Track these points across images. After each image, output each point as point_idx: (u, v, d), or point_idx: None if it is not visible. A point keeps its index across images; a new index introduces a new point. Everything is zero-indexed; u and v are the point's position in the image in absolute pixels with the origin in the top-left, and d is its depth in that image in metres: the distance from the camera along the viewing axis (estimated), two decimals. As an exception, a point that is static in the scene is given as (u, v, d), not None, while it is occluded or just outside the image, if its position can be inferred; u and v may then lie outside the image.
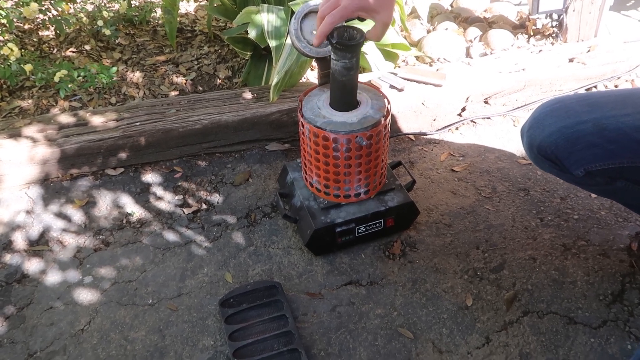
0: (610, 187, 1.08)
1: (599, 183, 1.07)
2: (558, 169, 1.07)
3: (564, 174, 1.08)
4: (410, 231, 1.36)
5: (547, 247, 1.31)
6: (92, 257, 1.33)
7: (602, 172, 1.02)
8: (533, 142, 1.06)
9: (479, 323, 1.15)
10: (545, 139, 1.02)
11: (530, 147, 1.08)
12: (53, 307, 1.21)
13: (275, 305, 1.18)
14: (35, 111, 1.80)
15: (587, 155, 1.00)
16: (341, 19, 0.97)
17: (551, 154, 1.03)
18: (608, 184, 1.07)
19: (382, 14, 0.97)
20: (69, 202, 1.48)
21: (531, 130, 1.06)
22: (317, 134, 1.15)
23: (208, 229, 1.39)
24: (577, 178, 1.05)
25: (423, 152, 1.64)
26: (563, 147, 1.01)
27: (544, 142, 1.03)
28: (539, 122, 1.04)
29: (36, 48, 2.08)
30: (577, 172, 1.03)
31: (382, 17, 0.98)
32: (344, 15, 0.96)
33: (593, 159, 1.00)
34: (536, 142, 1.05)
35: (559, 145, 1.01)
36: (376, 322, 1.16)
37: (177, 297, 1.22)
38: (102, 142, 1.50)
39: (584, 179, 1.06)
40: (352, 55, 1.07)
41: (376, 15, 0.98)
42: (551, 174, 1.15)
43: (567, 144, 1.00)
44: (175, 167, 1.58)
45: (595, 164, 1.00)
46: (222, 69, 1.95)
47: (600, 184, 1.08)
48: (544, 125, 1.03)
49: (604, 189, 1.11)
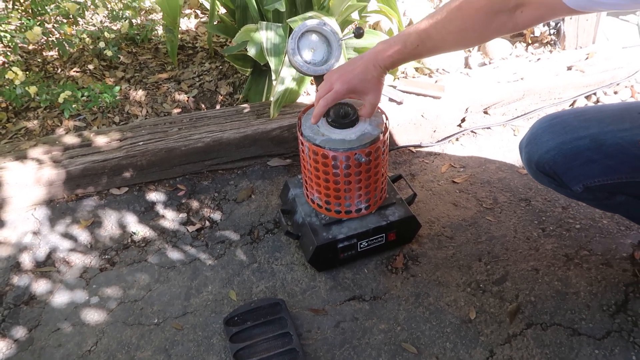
0: (610, 201, 1.07)
1: (599, 198, 1.07)
2: (557, 184, 1.07)
3: (563, 189, 1.08)
4: (412, 244, 1.37)
5: (550, 257, 1.31)
6: (98, 277, 1.34)
7: (601, 188, 1.02)
8: (531, 158, 1.06)
9: (483, 336, 1.15)
10: (543, 155, 1.02)
11: (529, 163, 1.08)
12: (60, 328, 1.23)
13: (279, 323, 1.19)
14: (40, 132, 1.83)
15: (586, 171, 1.00)
16: (334, 102, 1.08)
17: (549, 169, 1.03)
18: (607, 198, 1.07)
19: (370, 95, 1.07)
20: (74, 223, 1.49)
21: (529, 146, 1.06)
22: (317, 151, 1.16)
23: (212, 247, 1.41)
24: (576, 193, 1.05)
25: (424, 164, 1.64)
26: (561, 163, 1.00)
27: (542, 158, 1.03)
28: (537, 138, 1.04)
29: (40, 68, 2.11)
30: (576, 187, 1.03)
31: (370, 99, 1.08)
32: (336, 98, 1.07)
33: (592, 175, 1.00)
34: (534, 159, 1.05)
35: (557, 162, 1.01)
36: (380, 338, 1.16)
37: (183, 316, 1.24)
38: (107, 162, 1.52)
39: (583, 195, 1.06)
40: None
41: (365, 96, 1.08)
42: (550, 188, 1.16)
43: (565, 160, 1.00)
44: (179, 185, 1.60)
45: (594, 179, 1.00)
46: (223, 85, 1.97)
47: (600, 198, 1.08)
48: (541, 141, 1.03)
49: (604, 204, 1.11)
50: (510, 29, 0.89)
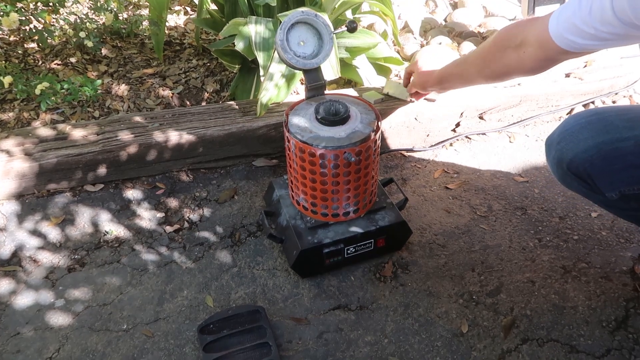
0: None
1: (633, 208, 0.99)
2: (588, 188, 0.98)
3: (594, 194, 0.99)
4: (402, 252, 1.30)
5: (546, 269, 1.25)
6: (65, 279, 1.25)
7: (639, 197, 0.93)
8: (564, 157, 0.96)
9: (475, 352, 1.08)
10: (579, 154, 0.93)
11: (559, 163, 0.98)
12: (20, 332, 1.13)
13: (258, 332, 1.10)
14: (15, 124, 1.74)
15: (626, 176, 0.91)
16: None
17: (583, 171, 0.94)
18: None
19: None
20: (44, 219, 1.40)
21: (562, 143, 0.96)
22: (304, 149, 1.09)
23: (190, 249, 1.32)
24: (609, 200, 0.96)
25: (416, 169, 1.58)
26: (599, 165, 0.91)
27: (577, 158, 0.93)
28: (573, 135, 0.95)
29: (20, 60, 2.02)
30: (611, 194, 0.94)
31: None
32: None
33: (631, 182, 0.91)
34: (567, 158, 0.95)
35: (594, 163, 0.92)
36: (365, 351, 1.08)
37: (154, 323, 1.15)
38: (81, 156, 1.44)
39: (617, 202, 0.97)
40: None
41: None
42: (577, 193, 1.07)
43: (603, 163, 0.91)
44: (158, 183, 1.51)
45: (633, 187, 0.91)
46: (210, 83, 1.90)
47: (635, 209, 0.99)
48: (578, 139, 0.93)
49: (636, 215, 1.02)
50: (519, 67, 0.96)
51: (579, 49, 0.84)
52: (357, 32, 1.63)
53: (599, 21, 0.77)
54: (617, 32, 0.77)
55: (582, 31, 0.81)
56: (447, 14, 2.38)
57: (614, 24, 0.76)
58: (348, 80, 1.90)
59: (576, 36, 0.82)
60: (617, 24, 0.76)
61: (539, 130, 1.73)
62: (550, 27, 0.85)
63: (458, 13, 2.31)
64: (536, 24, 0.89)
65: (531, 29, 0.90)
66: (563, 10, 0.84)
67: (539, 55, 0.91)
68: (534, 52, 0.91)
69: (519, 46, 0.93)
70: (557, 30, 0.85)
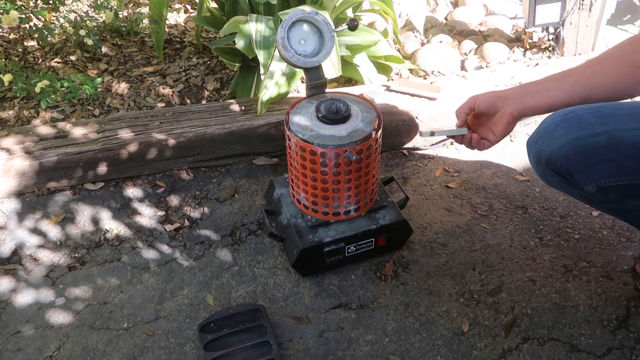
0: (623, 205, 1.00)
1: (612, 200, 1.00)
2: (567, 183, 1.00)
3: (574, 189, 1.01)
4: (403, 251, 1.29)
5: (547, 268, 1.24)
6: (66, 277, 1.25)
7: (616, 189, 0.95)
8: (541, 154, 0.98)
9: (476, 350, 1.07)
10: (555, 151, 0.95)
11: (538, 160, 1.00)
12: (21, 331, 1.13)
13: (258, 331, 1.10)
14: (15, 122, 1.73)
15: (601, 170, 0.93)
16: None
17: (561, 167, 0.96)
18: (621, 202, 1.00)
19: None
20: (44, 218, 1.40)
21: (540, 141, 0.98)
22: (304, 147, 1.08)
23: (190, 247, 1.32)
24: (588, 194, 0.98)
25: (417, 168, 1.57)
26: (574, 160, 0.93)
27: (554, 154, 0.95)
28: (549, 133, 0.96)
29: (20, 58, 2.02)
30: (588, 187, 0.96)
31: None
32: None
33: (607, 174, 0.93)
34: (545, 155, 0.97)
35: (569, 159, 0.93)
36: (366, 349, 1.08)
37: (155, 321, 1.15)
38: (82, 154, 1.43)
39: (596, 196, 0.98)
40: None
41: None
42: (558, 190, 1.09)
43: (578, 158, 0.93)
44: (158, 181, 1.51)
45: (608, 179, 0.93)
46: (210, 81, 1.90)
47: (613, 201, 1.00)
48: (554, 136, 0.95)
49: (615, 207, 1.04)
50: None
51: None
52: (358, 30, 1.63)
53: None
54: None
55: None
56: (448, 13, 2.38)
57: None
58: (348, 79, 1.89)
59: None
60: None
61: (539, 129, 1.72)
62: None
63: (459, 11, 2.31)
64: None
65: None
66: None
67: None
68: None
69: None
70: None
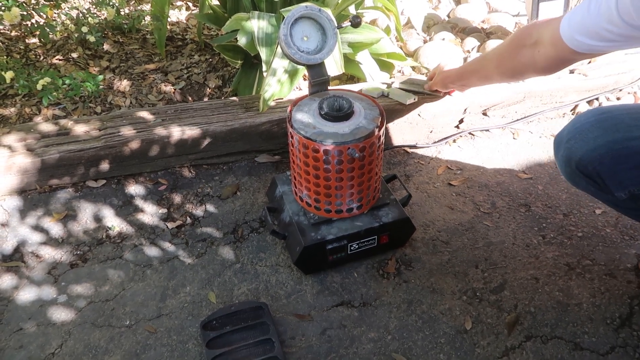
0: None
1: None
2: (597, 187, 0.98)
3: (603, 194, 0.99)
4: (406, 248, 1.29)
5: (550, 266, 1.24)
6: (68, 274, 1.25)
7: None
8: (572, 155, 0.95)
9: (479, 348, 1.07)
10: (588, 153, 0.92)
11: (568, 161, 0.97)
12: (23, 328, 1.13)
13: (261, 328, 1.10)
14: (17, 120, 1.73)
15: (636, 176, 0.90)
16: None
17: (593, 170, 0.93)
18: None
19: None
20: (47, 215, 1.40)
21: (572, 141, 0.96)
22: (307, 145, 1.08)
23: (192, 245, 1.32)
24: (618, 200, 0.96)
25: (419, 165, 1.57)
26: (608, 164, 0.91)
27: (586, 156, 0.92)
28: (582, 133, 0.94)
29: (22, 55, 2.02)
30: (620, 193, 0.94)
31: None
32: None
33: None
34: (576, 156, 0.94)
35: (603, 163, 0.91)
36: (369, 347, 1.08)
37: (157, 318, 1.14)
38: (84, 152, 1.43)
39: (626, 202, 0.96)
40: None
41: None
42: (585, 192, 1.07)
43: (613, 162, 0.90)
44: (160, 179, 1.51)
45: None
46: (212, 78, 1.89)
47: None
48: (587, 137, 0.93)
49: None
50: (533, 66, 0.99)
51: (588, 50, 0.87)
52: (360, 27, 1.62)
53: (606, 22, 0.80)
54: (622, 33, 0.79)
55: (590, 32, 0.83)
56: (450, 10, 2.37)
57: (619, 25, 0.78)
58: (351, 76, 1.89)
59: (585, 37, 0.84)
60: (622, 25, 0.78)
61: (542, 126, 1.72)
62: (562, 28, 0.88)
63: (461, 9, 2.30)
64: (551, 24, 0.91)
65: (546, 29, 0.93)
66: (574, 12, 0.86)
67: (551, 54, 0.93)
68: (546, 51, 0.93)
69: (534, 45, 0.96)
70: (568, 31, 0.87)
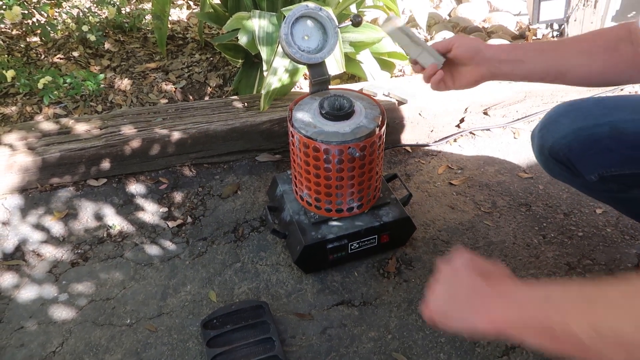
0: (624, 195, 1.02)
1: (612, 190, 1.01)
2: (569, 173, 1.02)
3: (576, 178, 1.03)
4: (406, 248, 1.29)
5: (551, 266, 1.24)
6: (69, 273, 1.25)
7: (617, 179, 0.97)
8: (545, 143, 1.00)
9: (479, 348, 1.07)
10: (558, 140, 0.97)
11: (541, 149, 1.02)
12: (24, 326, 1.13)
13: (261, 327, 1.10)
14: (18, 119, 1.73)
15: (603, 159, 0.94)
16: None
17: (563, 156, 0.98)
18: (622, 191, 1.01)
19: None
20: (47, 214, 1.40)
21: (543, 130, 1.01)
22: (308, 144, 1.08)
23: (193, 244, 1.32)
24: (590, 184, 1.00)
25: (420, 165, 1.57)
26: (577, 149, 0.95)
27: (557, 143, 0.97)
28: (553, 122, 0.99)
29: (23, 54, 2.02)
30: (590, 176, 0.97)
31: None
32: None
33: (609, 164, 0.95)
34: (548, 144, 0.99)
35: (572, 148, 0.96)
36: (369, 346, 1.08)
37: (157, 317, 1.15)
38: (84, 151, 1.43)
39: (597, 185, 1.00)
40: None
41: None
42: (560, 180, 1.10)
43: (581, 147, 0.95)
44: (161, 178, 1.51)
45: (610, 169, 0.95)
46: (213, 77, 1.89)
47: (614, 191, 1.02)
48: (557, 126, 0.98)
49: (616, 197, 1.05)
50: (632, 62, 0.86)
51: None
52: (362, 26, 1.62)
53: None
54: None
55: None
56: (451, 9, 2.37)
57: None
58: (352, 75, 1.89)
59: None
60: None
61: (543, 126, 1.72)
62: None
63: (462, 8, 2.30)
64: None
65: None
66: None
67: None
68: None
69: (636, 42, 0.85)
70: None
